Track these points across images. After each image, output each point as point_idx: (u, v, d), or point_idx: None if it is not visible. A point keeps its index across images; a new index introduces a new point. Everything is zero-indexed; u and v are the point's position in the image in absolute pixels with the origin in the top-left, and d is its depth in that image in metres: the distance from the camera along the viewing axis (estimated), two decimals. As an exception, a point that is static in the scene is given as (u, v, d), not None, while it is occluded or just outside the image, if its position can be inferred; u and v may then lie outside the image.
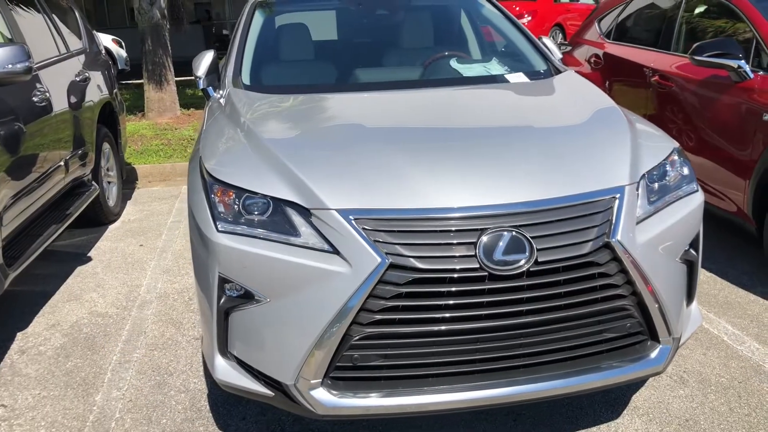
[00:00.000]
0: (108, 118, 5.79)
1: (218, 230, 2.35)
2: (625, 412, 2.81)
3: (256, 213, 2.37)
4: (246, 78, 3.31)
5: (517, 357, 2.28)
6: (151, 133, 8.24)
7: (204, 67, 3.50)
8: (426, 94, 3.16)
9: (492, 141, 2.62)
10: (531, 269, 2.17)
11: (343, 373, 2.26)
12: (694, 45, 4.14)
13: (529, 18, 16.38)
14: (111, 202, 5.67)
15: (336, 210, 2.24)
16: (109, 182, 5.73)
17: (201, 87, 3.52)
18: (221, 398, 3.01)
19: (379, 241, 2.18)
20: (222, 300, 2.38)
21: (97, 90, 5.49)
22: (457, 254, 2.16)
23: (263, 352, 2.34)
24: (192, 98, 10.64)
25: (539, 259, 2.18)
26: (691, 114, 4.35)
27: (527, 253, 2.17)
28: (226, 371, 2.44)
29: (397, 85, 3.29)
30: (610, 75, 5.53)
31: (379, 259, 2.14)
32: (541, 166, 2.41)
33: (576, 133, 2.71)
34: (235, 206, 2.40)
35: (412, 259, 2.15)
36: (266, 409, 2.91)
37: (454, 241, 2.17)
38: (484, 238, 2.17)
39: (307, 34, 3.75)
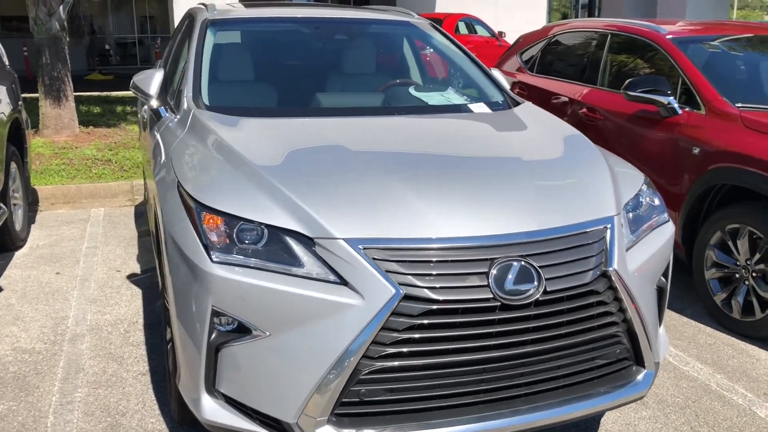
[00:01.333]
0: (14, 135, 5.36)
1: (212, 260, 2.21)
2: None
3: (248, 242, 2.26)
4: (207, 99, 3.16)
5: (519, 386, 2.29)
6: (50, 151, 7.71)
7: (156, 86, 3.33)
8: (399, 121, 3.15)
9: (483, 171, 2.64)
10: (539, 299, 2.20)
11: (348, 409, 2.17)
12: (627, 81, 4.38)
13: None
14: (18, 226, 5.23)
15: (344, 239, 2.17)
16: (14, 204, 5.29)
17: (154, 107, 3.33)
18: (185, 438, 2.83)
19: (390, 272, 2.13)
20: (213, 335, 2.24)
21: (5, 105, 5.07)
22: (471, 284, 2.15)
23: (260, 390, 2.21)
24: (88, 115, 10.07)
25: (548, 289, 2.20)
26: (619, 147, 4.59)
27: (536, 283, 2.19)
28: (214, 411, 2.29)
29: (369, 111, 3.27)
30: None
31: (393, 290, 2.09)
32: (536, 197, 2.45)
33: (560, 165, 2.78)
34: (227, 235, 2.27)
35: (426, 290, 2.12)
36: (238, 449, 2.75)
37: (467, 271, 2.16)
38: (495, 268, 2.17)
39: (266, 55, 3.65)
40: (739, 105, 4.01)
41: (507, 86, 3.76)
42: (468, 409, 2.24)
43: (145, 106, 4.12)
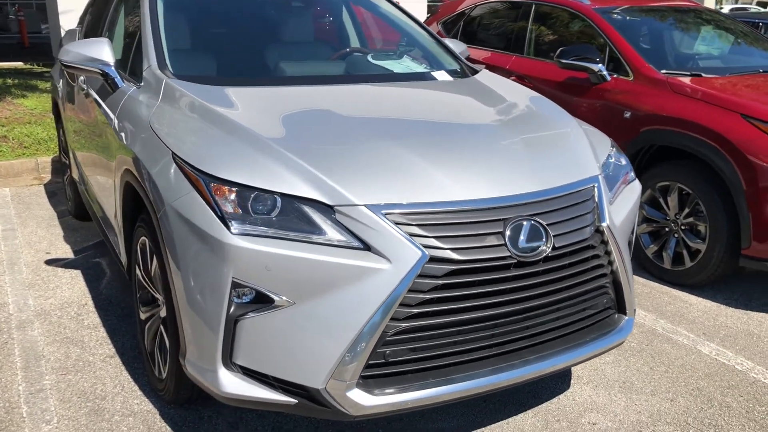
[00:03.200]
0: None
1: (232, 232, 2.17)
2: (573, 382, 3.09)
3: (262, 212, 2.24)
4: (173, 68, 3.03)
5: (525, 338, 2.42)
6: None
7: (111, 55, 3.15)
8: (376, 89, 3.16)
9: (478, 136, 2.72)
10: (548, 255, 2.33)
11: (373, 370, 2.22)
12: (559, 50, 4.60)
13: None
14: None
15: (365, 206, 2.20)
16: None
17: (112, 75, 3.16)
18: (178, 416, 2.76)
19: (413, 235, 2.18)
20: (232, 308, 2.21)
21: None
22: (489, 244, 2.24)
23: (283, 358, 2.21)
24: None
25: (555, 245, 2.34)
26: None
27: (545, 240, 2.32)
28: (233, 383, 2.27)
29: (341, 79, 3.27)
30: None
31: (420, 253, 2.15)
32: (532, 159, 2.57)
33: (542, 128, 2.91)
34: (240, 206, 2.24)
35: (449, 251, 2.19)
36: (237, 422, 2.74)
37: (484, 232, 2.25)
38: (508, 228, 2.28)
39: (221, 22, 3.54)
40: (665, 71, 4.33)
41: (460, 55, 3.85)
42: (483, 362, 2.35)
43: (81, 78, 3.89)
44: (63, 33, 10.89)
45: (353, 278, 2.14)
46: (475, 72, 3.61)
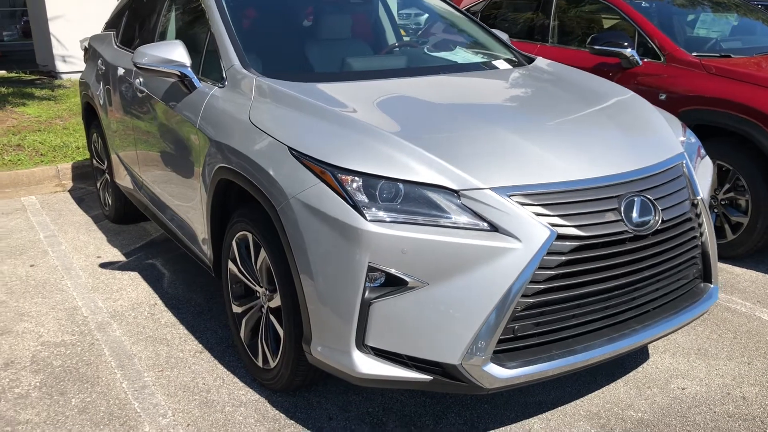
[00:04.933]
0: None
1: (367, 219, 2.27)
2: (651, 351, 3.23)
3: (389, 199, 2.33)
4: (258, 67, 3.10)
5: (634, 308, 2.56)
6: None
7: (188, 57, 3.22)
8: (452, 79, 3.27)
9: (572, 119, 2.84)
10: (658, 228, 2.47)
11: (503, 345, 2.34)
12: (591, 36, 4.76)
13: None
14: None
15: (491, 188, 2.31)
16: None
17: (190, 76, 3.22)
18: (287, 403, 2.85)
19: (538, 214, 2.30)
20: (366, 292, 2.31)
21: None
22: (608, 220, 2.37)
23: (418, 337, 2.31)
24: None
25: (663, 219, 2.48)
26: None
27: (654, 215, 2.46)
28: (368, 364, 2.36)
29: (416, 71, 3.36)
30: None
31: (549, 231, 2.26)
32: (629, 139, 2.71)
33: (624, 110, 3.04)
34: (369, 194, 2.33)
35: (573, 228, 2.31)
36: (346, 405, 2.83)
37: (603, 209, 2.38)
38: (623, 204, 2.41)
39: (286, 19, 3.61)
40: (695, 54, 4.50)
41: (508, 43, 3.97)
42: (598, 333, 2.48)
43: (138, 80, 3.92)
44: (53, 40, 10.81)
45: (485, 257, 2.25)
46: (531, 60, 3.74)
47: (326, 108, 2.69)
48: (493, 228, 2.28)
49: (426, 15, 4.31)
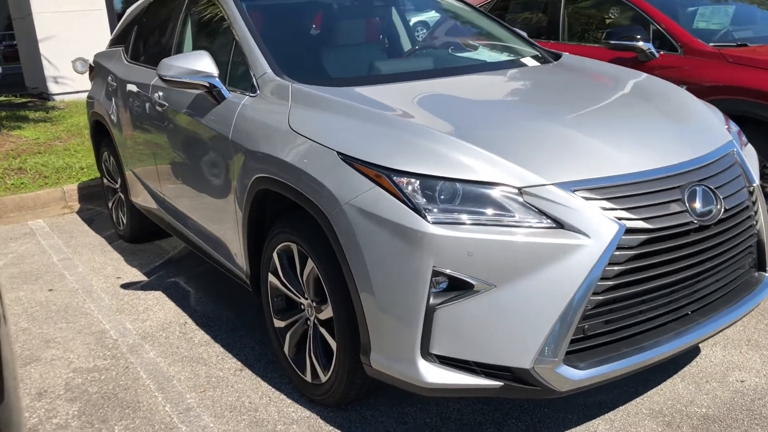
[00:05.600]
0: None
1: (430, 221, 2.19)
2: (701, 345, 3.18)
3: (448, 200, 2.26)
4: (290, 73, 3.02)
5: (696, 301, 2.50)
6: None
7: (215, 67, 3.13)
8: (486, 77, 3.21)
9: (621, 112, 2.79)
10: (721, 218, 2.41)
11: (574, 345, 2.27)
12: (606, 31, 4.72)
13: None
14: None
15: (554, 184, 2.24)
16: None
17: (218, 87, 3.14)
18: (341, 419, 2.76)
19: (605, 209, 2.23)
20: (431, 298, 2.23)
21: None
22: (673, 211, 2.31)
23: (485, 342, 2.23)
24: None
25: (726, 207, 2.42)
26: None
27: (716, 203, 2.40)
28: (435, 373, 2.28)
29: (448, 72, 3.30)
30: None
31: (617, 226, 2.20)
32: (679, 129, 2.66)
33: (667, 101, 2.99)
34: (428, 196, 2.26)
35: (640, 221, 2.25)
36: (403, 417, 2.74)
37: (668, 200, 2.32)
38: (686, 194, 2.35)
39: (307, 25, 3.54)
40: (712, 44, 4.48)
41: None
42: (665, 328, 2.42)
43: (158, 94, 3.83)
44: (44, 62, 10.67)
45: (554, 255, 2.18)
46: (558, 56, 3.69)
47: (372, 111, 2.62)
48: (560, 225, 2.21)
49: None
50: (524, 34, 3.98)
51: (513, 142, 2.42)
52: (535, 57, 3.65)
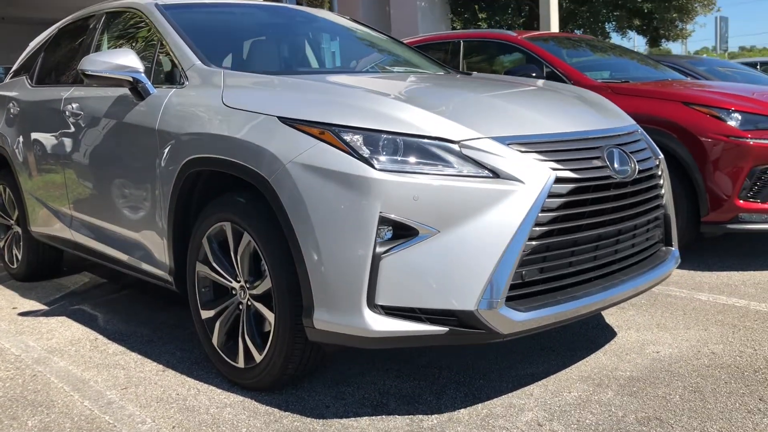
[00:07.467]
0: None
1: (376, 168, 2.26)
2: (617, 329, 3.35)
3: (391, 152, 2.34)
4: (218, 64, 3.08)
5: (618, 260, 2.68)
6: None
7: (140, 62, 3.15)
8: (413, 77, 3.42)
9: (542, 95, 3.10)
10: (636, 177, 2.63)
11: (513, 291, 2.35)
12: (505, 70, 5.11)
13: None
14: None
15: (490, 138, 2.39)
16: None
17: (143, 81, 3.14)
18: (277, 400, 2.66)
19: (537, 160, 2.39)
20: (377, 247, 2.27)
21: None
22: (597, 165, 2.50)
23: (429, 288, 2.28)
24: None
25: (639, 169, 2.65)
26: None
27: (631, 163, 2.63)
28: (382, 322, 2.30)
29: (374, 73, 3.48)
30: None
31: (549, 173, 2.35)
32: (594, 110, 2.96)
33: (580, 93, 3.27)
34: (371, 148, 2.34)
35: (568, 171, 2.42)
36: (340, 395, 2.69)
37: (591, 156, 2.52)
38: (605, 153, 2.56)
39: (230, 32, 3.65)
40: (599, 79, 4.95)
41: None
42: (593, 282, 2.56)
43: (72, 105, 3.75)
44: None
45: (493, 200, 2.29)
46: (469, 73, 3.97)
47: (311, 83, 2.71)
48: (496, 174, 2.33)
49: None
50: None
51: (448, 106, 2.57)
52: (446, 72, 3.90)
